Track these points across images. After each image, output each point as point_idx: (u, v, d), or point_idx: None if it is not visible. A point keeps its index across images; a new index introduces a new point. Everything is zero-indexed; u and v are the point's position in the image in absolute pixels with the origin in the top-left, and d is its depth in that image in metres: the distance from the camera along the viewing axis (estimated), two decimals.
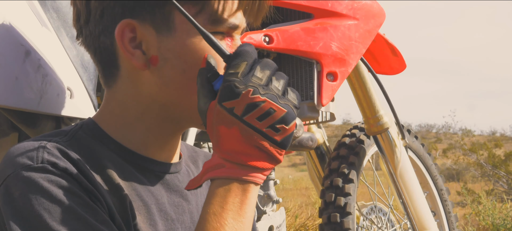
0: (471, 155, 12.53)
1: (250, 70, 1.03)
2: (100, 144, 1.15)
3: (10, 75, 1.35)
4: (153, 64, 1.13)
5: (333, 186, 2.52)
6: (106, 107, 1.20)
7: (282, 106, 1.02)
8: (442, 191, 3.00)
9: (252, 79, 1.02)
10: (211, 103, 1.04)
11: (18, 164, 1.04)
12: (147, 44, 1.13)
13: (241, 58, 1.04)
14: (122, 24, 1.11)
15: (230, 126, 1.02)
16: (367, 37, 2.13)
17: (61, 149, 1.07)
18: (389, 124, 2.50)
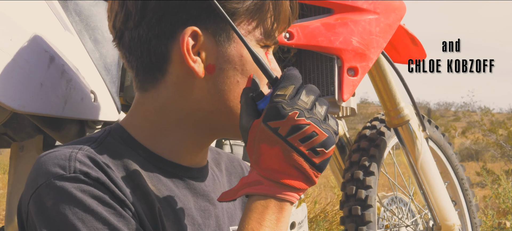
0: (490, 135, 12.46)
1: (297, 94, 1.06)
2: (129, 150, 1.17)
3: (35, 82, 1.37)
4: (209, 72, 1.16)
5: (354, 178, 2.53)
6: (138, 112, 1.21)
7: (324, 131, 1.05)
8: (463, 180, 3.00)
9: (298, 103, 1.05)
10: (254, 122, 1.07)
11: (51, 173, 1.06)
12: (207, 52, 1.15)
13: (290, 81, 1.07)
14: (188, 31, 1.13)
15: (273, 144, 1.05)
16: (387, 31, 2.13)
17: (92, 157, 1.09)
18: (410, 116, 2.51)
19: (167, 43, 1.15)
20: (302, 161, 1.05)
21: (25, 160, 1.66)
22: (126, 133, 1.19)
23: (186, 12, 1.14)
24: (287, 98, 1.05)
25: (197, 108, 1.18)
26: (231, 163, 1.41)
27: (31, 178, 1.09)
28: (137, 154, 1.17)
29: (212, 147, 1.42)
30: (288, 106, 1.04)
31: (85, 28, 1.56)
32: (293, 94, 1.06)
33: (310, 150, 1.05)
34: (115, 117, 1.57)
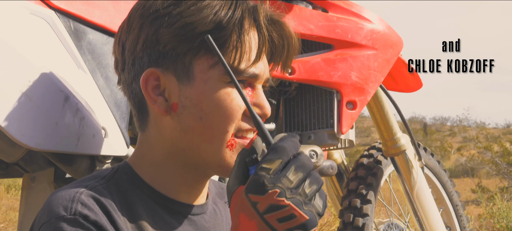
0: (485, 153, 12.52)
1: (283, 169, 1.02)
2: (134, 188, 1.23)
3: (51, 121, 1.44)
4: (174, 110, 1.21)
5: (351, 206, 2.59)
6: (139, 150, 1.28)
7: (305, 213, 1.01)
8: (458, 206, 3.06)
9: (282, 180, 1.01)
10: (239, 188, 1.05)
11: (53, 213, 1.12)
12: (169, 91, 1.21)
13: (278, 154, 1.03)
14: (147, 73, 1.20)
15: (251, 218, 1.02)
16: (385, 66, 2.19)
17: (96, 198, 1.15)
18: (406, 146, 2.57)
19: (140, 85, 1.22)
20: None
21: (37, 191, 1.72)
22: (132, 171, 1.25)
23: (148, 55, 1.21)
24: (272, 173, 1.01)
25: (172, 145, 1.23)
26: None
27: (39, 215, 1.15)
28: (141, 192, 1.23)
29: (216, 181, 1.48)
30: (270, 183, 1.00)
31: (97, 66, 1.63)
32: (279, 169, 1.02)
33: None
34: (124, 152, 1.64)
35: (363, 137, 24.71)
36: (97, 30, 1.67)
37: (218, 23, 1.18)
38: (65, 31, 1.59)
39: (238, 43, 1.19)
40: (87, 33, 1.65)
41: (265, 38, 1.22)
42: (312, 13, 2.11)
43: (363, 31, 2.14)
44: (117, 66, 1.29)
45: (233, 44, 1.18)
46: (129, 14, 1.25)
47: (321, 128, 2.09)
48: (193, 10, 1.18)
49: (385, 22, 2.25)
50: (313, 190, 1.03)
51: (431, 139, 24.88)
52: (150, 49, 1.21)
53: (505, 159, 11.90)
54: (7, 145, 1.50)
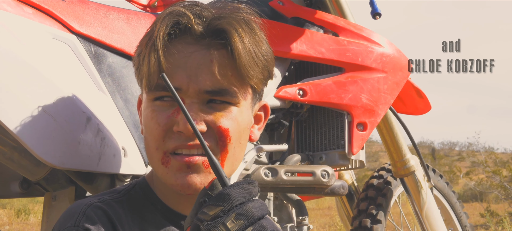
0: (494, 177, 12.50)
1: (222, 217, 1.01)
2: (148, 204, 1.29)
3: (74, 141, 1.50)
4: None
5: (361, 226, 2.63)
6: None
7: None
8: (466, 227, 3.09)
9: (219, 227, 1.01)
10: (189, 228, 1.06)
11: (62, 224, 1.21)
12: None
13: (219, 202, 1.03)
14: (139, 97, 1.34)
15: None
16: (395, 88, 2.24)
17: (104, 210, 1.21)
18: (415, 167, 2.61)
19: None
20: None
21: (58, 209, 1.77)
22: (148, 187, 1.32)
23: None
24: (210, 219, 1.02)
25: None
26: None
27: (56, 223, 1.24)
28: (155, 209, 1.28)
29: None
30: (205, 228, 1.01)
31: (117, 89, 1.70)
32: (217, 216, 1.02)
33: None
34: (142, 171, 1.69)
35: (371, 161, 24.68)
36: (116, 54, 1.74)
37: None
38: (86, 55, 1.66)
39: (142, 59, 1.27)
40: (107, 57, 1.71)
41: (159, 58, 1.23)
42: (324, 37, 2.16)
43: (373, 54, 2.19)
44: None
45: (140, 57, 1.29)
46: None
47: (332, 149, 2.14)
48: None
49: (394, 45, 2.30)
50: None
51: (440, 163, 24.82)
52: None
53: None
54: (32, 164, 1.55)
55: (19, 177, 1.79)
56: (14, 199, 10.97)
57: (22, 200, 11.54)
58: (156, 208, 1.28)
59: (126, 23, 1.82)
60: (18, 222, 10.49)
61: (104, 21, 1.76)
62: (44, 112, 1.45)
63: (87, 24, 1.71)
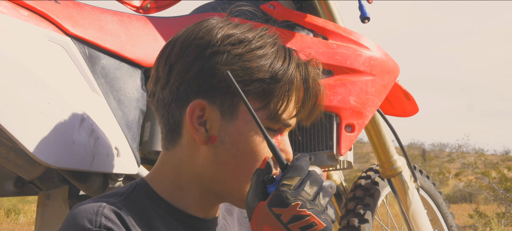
0: (483, 178, 12.58)
1: (301, 185, 1.14)
2: (152, 204, 1.31)
3: (68, 141, 1.54)
4: (212, 142, 1.29)
5: (349, 225, 2.68)
6: (160, 168, 1.36)
7: (323, 221, 1.13)
8: (452, 227, 3.14)
9: (302, 193, 1.12)
10: (260, 203, 1.16)
11: (79, 225, 1.19)
12: (211, 124, 1.29)
13: (296, 172, 1.16)
14: (195, 103, 1.28)
15: (274, 228, 1.13)
16: (382, 91, 2.28)
17: (117, 212, 1.22)
18: (402, 168, 2.66)
19: (181, 109, 1.30)
20: None
21: (52, 208, 1.81)
22: (149, 188, 1.33)
23: (198, 85, 1.28)
24: (292, 188, 1.13)
25: (201, 172, 1.31)
26: (241, 213, 1.55)
27: (64, 228, 1.22)
28: (159, 208, 1.30)
29: None
30: (292, 197, 1.12)
31: (110, 90, 1.73)
32: (297, 185, 1.14)
33: None
34: (135, 170, 1.73)
35: (362, 162, 24.75)
36: (110, 56, 1.77)
37: (274, 73, 1.28)
38: (80, 56, 1.69)
39: (286, 96, 1.29)
40: (101, 59, 1.75)
41: (311, 97, 1.33)
42: (313, 40, 2.20)
43: (362, 58, 2.23)
44: (156, 82, 1.34)
45: (282, 95, 1.29)
46: (182, 39, 1.32)
47: (321, 150, 2.18)
48: (252, 56, 1.28)
49: (382, 49, 2.34)
50: (326, 201, 1.16)
51: (430, 164, 24.90)
52: (202, 80, 1.28)
53: (503, 185, 11.95)
54: (27, 163, 1.59)
55: (13, 175, 1.83)
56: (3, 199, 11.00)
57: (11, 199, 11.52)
58: (160, 208, 1.31)
59: (120, 25, 1.85)
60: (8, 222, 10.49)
61: (98, 23, 1.80)
62: (39, 113, 1.49)
63: (82, 26, 1.74)
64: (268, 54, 1.29)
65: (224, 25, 1.31)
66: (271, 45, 1.31)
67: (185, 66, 1.29)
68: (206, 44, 1.28)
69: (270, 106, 1.29)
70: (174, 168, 1.33)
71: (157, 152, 1.87)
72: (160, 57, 1.34)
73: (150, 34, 1.91)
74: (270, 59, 1.29)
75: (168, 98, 1.31)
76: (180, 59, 1.30)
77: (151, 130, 1.87)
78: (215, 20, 1.33)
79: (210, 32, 1.29)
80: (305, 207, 1.12)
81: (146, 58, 1.83)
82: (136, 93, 1.79)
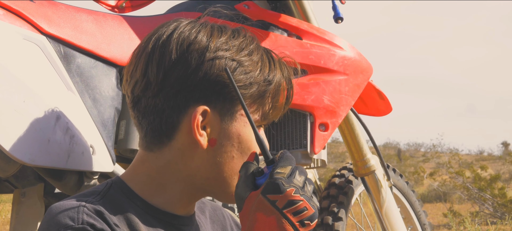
0: (457, 178, 12.70)
1: (292, 173, 1.21)
2: (128, 201, 1.32)
3: (44, 138, 1.55)
4: (211, 145, 1.33)
5: (323, 223, 2.71)
6: (139, 168, 1.37)
7: (312, 206, 1.20)
8: (425, 225, 3.19)
9: (294, 181, 1.20)
10: (252, 193, 1.22)
11: (61, 224, 1.20)
12: (211, 128, 1.33)
13: (288, 162, 1.23)
14: (200, 109, 1.31)
15: (269, 214, 1.18)
16: (356, 90, 2.31)
17: (97, 210, 1.24)
18: (376, 166, 2.69)
19: (179, 115, 1.31)
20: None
21: (27, 205, 1.82)
22: (126, 186, 1.34)
23: (201, 91, 1.31)
24: (286, 176, 1.20)
25: (195, 173, 1.34)
26: (214, 211, 1.57)
27: (44, 228, 1.23)
28: (135, 205, 1.32)
29: None
30: (286, 184, 1.18)
31: (85, 88, 1.74)
32: (290, 173, 1.21)
33: (300, 222, 1.19)
34: (110, 168, 1.74)
35: (338, 162, 24.83)
36: (85, 55, 1.78)
37: (266, 76, 1.35)
38: (55, 55, 1.70)
39: (276, 97, 1.38)
40: (76, 57, 1.76)
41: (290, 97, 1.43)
42: (287, 40, 2.22)
43: (335, 57, 2.25)
44: (146, 88, 1.32)
45: (272, 96, 1.37)
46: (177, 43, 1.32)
47: (295, 148, 2.20)
48: (250, 64, 1.34)
49: (355, 49, 2.37)
50: (311, 189, 1.24)
51: (405, 164, 25.04)
52: (205, 87, 1.31)
53: (477, 184, 12.06)
54: (3, 161, 1.60)
55: None
56: None
57: None
58: (136, 204, 1.32)
59: (95, 24, 1.86)
60: None
61: (73, 22, 1.80)
62: (14, 111, 1.50)
63: (57, 25, 1.75)
64: (259, 58, 1.36)
65: (205, 28, 1.34)
66: (257, 49, 1.37)
67: (185, 73, 1.30)
68: (206, 50, 1.31)
69: (264, 108, 1.37)
70: (159, 169, 1.35)
71: (132, 150, 1.88)
72: (147, 61, 1.32)
73: (125, 33, 1.92)
74: (261, 62, 1.36)
75: (162, 104, 1.32)
76: (179, 65, 1.31)
77: (126, 128, 1.89)
78: (189, 22, 1.35)
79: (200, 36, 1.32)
80: (299, 193, 1.19)
81: (121, 57, 1.85)
82: (112, 92, 1.80)
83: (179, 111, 1.32)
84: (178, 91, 1.30)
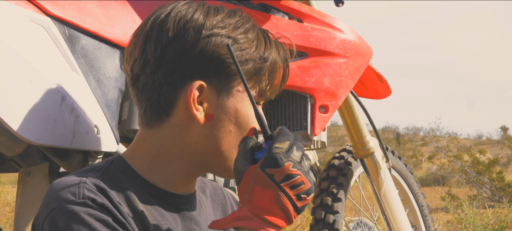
0: (455, 162, 12.74)
1: (290, 149, 1.24)
2: (128, 179, 1.35)
3: (49, 118, 1.58)
4: (208, 120, 1.35)
5: (323, 204, 2.74)
6: (140, 146, 1.40)
7: (309, 181, 1.24)
8: (423, 207, 3.22)
9: (292, 156, 1.23)
10: (250, 166, 1.25)
11: (63, 198, 1.24)
12: (208, 103, 1.35)
13: (286, 137, 1.26)
14: (196, 84, 1.33)
15: (267, 188, 1.22)
16: (355, 73, 2.33)
17: (98, 185, 1.27)
18: (375, 148, 2.72)
19: (176, 91, 1.34)
20: (288, 204, 1.23)
21: (32, 184, 1.85)
22: (126, 163, 1.38)
23: (197, 67, 1.34)
24: (284, 151, 1.23)
25: (193, 149, 1.37)
26: (214, 191, 1.60)
27: (45, 202, 1.26)
28: (134, 182, 1.35)
29: (199, 178, 1.62)
30: (284, 158, 1.22)
31: (89, 69, 1.77)
32: (288, 148, 1.24)
33: (296, 196, 1.23)
34: (114, 148, 1.77)
35: (336, 145, 24.90)
36: (89, 36, 1.80)
37: (262, 54, 1.38)
38: (60, 36, 1.72)
39: (272, 74, 1.40)
40: (80, 39, 1.78)
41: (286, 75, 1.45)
42: (288, 23, 2.24)
43: (336, 40, 2.27)
44: (144, 66, 1.35)
45: (268, 73, 1.39)
46: (175, 21, 1.35)
47: (295, 130, 2.22)
48: (245, 41, 1.36)
49: (356, 32, 2.39)
50: (308, 165, 1.28)
51: (404, 148, 25.11)
52: (202, 62, 1.34)
53: (475, 168, 12.12)
54: (9, 140, 1.63)
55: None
56: None
57: None
58: (135, 182, 1.35)
59: (99, 6, 1.88)
60: None
61: (77, 4, 1.82)
62: (21, 91, 1.52)
63: (61, 7, 1.77)
64: (255, 36, 1.38)
65: (202, 8, 1.37)
66: (253, 28, 1.40)
67: (183, 49, 1.33)
68: (202, 28, 1.34)
69: (261, 85, 1.39)
70: (158, 146, 1.38)
71: (135, 131, 1.91)
72: (147, 38, 1.36)
73: (128, 15, 1.94)
74: (257, 40, 1.38)
75: (160, 81, 1.35)
76: (175, 42, 1.33)
77: (130, 109, 1.91)
78: (186, 2, 1.38)
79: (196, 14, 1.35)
80: (296, 168, 1.23)
81: (125, 39, 1.87)
82: (115, 73, 1.83)
83: (176, 87, 1.34)
84: (175, 67, 1.34)
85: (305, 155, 1.27)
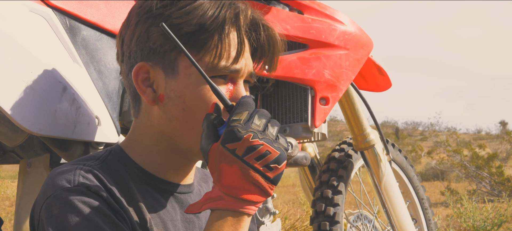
0: (455, 156, 12.75)
1: (250, 118, 1.20)
2: (126, 168, 1.36)
3: (51, 109, 1.58)
4: (161, 101, 1.35)
5: (323, 197, 2.74)
6: (132, 135, 1.42)
7: (276, 149, 1.19)
8: (423, 200, 3.23)
9: (252, 126, 1.18)
10: (213, 144, 1.21)
11: (58, 185, 1.25)
12: (157, 84, 1.35)
13: (244, 107, 1.21)
14: (138, 66, 1.35)
15: (231, 164, 1.18)
16: (356, 65, 2.34)
17: (94, 173, 1.28)
18: (375, 140, 2.73)
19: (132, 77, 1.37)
20: (258, 177, 1.18)
21: (33, 176, 1.85)
22: (124, 153, 1.39)
23: (141, 50, 1.35)
24: (242, 122, 1.19)
25: (160, 132, 1.37)
26: None
27: (43, 190, 1.27)
28: (132, 171, 1.36)
29: (200, 168, 1.62)
30: (243, 130, 1.17)
31: (90, 60, 1.77)
32: (247, 119, 1.19)
33: (265, 167, 1.18)
34: (115, 139, 1.77)
35: (336, 140, 24.91)
36: (90, 27, 1.81)
37: (201, 25, 1.31)
38: (61, 27, 1.73)
39: (219, 44, 1.32)
40: (81, 30, 1.78)
41: (243, 40, 1.36)
42: (289, 14, 2.24)
43: (336, 32, 2.28)
44: (118, 57, 1.42)
45: (214, 44, 1.32)
46: (130, 11, 1.39)
47: (296, 122, 2.23)
48: (181, 13, 1.32)
49: (356, 24, 2.39)
50: (276, 131, 1.22)
51: (403, 143, 25.14)
52: (142, 44, 1.34)
53: (474, 162, 12.13)
54: (11, 130, 1.63)
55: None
56: None
57: None
58: (133, 171, 1.36)
59: None
60: None
61: None
62: (22, 82, 1.52)
63: None
64: (197, 9, 1.32)
65: None
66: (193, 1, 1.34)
67: (130, 35, 1.36)
68: (143, 10, 1.35)
69: (205, 58, 1.32)
70: (142, 133, 1.40)
71: None
72: (118, 33, 1.42)
73: (129, 6, 1.94)
74: (199, 12, 1.32)
75: (126, 69, 1.39)
76: (127, 29, 1.38)
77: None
78: None
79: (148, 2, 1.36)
80: (257, 138, 1.17)
81: None
82: (116, 64, 1.83)
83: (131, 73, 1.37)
84: (129, 53, 1.37)
85: (271, 121, 1.22)
